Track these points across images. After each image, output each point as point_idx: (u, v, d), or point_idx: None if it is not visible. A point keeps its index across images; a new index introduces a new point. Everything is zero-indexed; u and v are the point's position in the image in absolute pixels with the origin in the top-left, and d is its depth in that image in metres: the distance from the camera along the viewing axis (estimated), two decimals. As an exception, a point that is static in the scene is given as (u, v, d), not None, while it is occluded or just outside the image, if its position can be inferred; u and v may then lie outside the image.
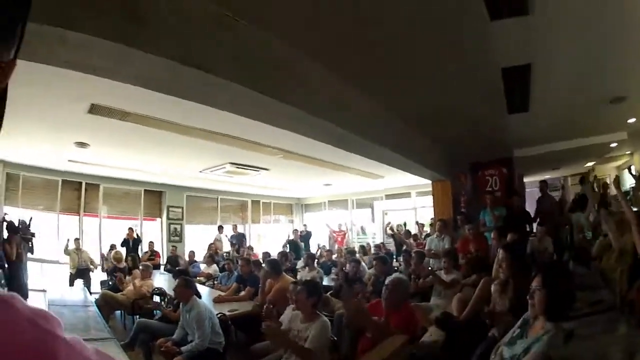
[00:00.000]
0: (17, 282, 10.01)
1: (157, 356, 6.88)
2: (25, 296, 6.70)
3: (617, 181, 7.04)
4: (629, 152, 19.76)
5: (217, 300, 8.85)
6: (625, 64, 7.59)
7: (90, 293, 10.76)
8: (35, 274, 11.88)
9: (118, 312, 10.51)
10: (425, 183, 14.73)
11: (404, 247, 14.26)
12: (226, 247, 18.45)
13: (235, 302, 8.82)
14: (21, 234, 11.11)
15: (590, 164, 20.87)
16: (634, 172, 10.99)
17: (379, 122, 8.00)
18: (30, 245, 11.66)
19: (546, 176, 20.96)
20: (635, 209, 9.61)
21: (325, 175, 16.79)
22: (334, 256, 15.53)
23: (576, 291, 5.67)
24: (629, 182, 19.87)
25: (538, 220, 11.62)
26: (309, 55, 5.60)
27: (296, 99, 5.24)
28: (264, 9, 4.52)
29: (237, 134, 10.05)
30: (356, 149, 8.36)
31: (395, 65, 6.39)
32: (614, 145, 15.58)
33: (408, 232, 16.53)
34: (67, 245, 13.75)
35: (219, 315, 7.05)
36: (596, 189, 11.63)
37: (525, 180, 18.82)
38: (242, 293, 9.36)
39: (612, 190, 9.88)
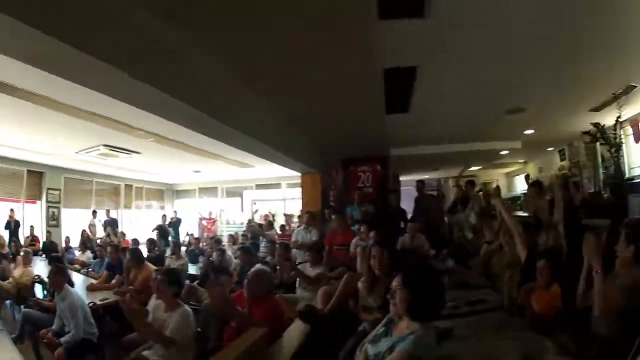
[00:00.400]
0: None
1: (43, 348, 6.63)
2: None
3: (498, 191, 7.16)
4: (522, 161, 20.45)
5: (89, 289, 8.63)
6: (525, 77, 7.85)
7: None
8: None
9: (9, 302, 9.77)
10: (297, 175, 14.75)
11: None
12: (100, 232, 17.96)
13: (107, 290, 8.50)
14: None
15: (476, 168, 21.67)
16: (529, 180, 11.32)
17: (251, 113, 7.85)
18: None
19: (425, 176, 21.62)
20: (525, 214, 9.84)
21: (195, 161, 16.56)
22: (201, 244, 15.33)
23: (455, 290, 5.72)
24: (520, 188, 20.72)
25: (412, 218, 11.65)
26: (185, 41, 5.36)
27: (167, 84, 5.01)
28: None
29: (111, 115, 9.62)
30: (225, 138, 8.20)
31: (272, 57, 6.18)
32: (504, 153, 16.25)
33: (270, 223, 16.47)
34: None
35: (90, 305, 6.88)
36: (480, 194, 11.96)
37: (404, 178, 19.03)
38: (113, 281, 9.09)
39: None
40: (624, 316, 3.38)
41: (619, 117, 9.41)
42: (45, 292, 8.55)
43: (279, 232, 15.78)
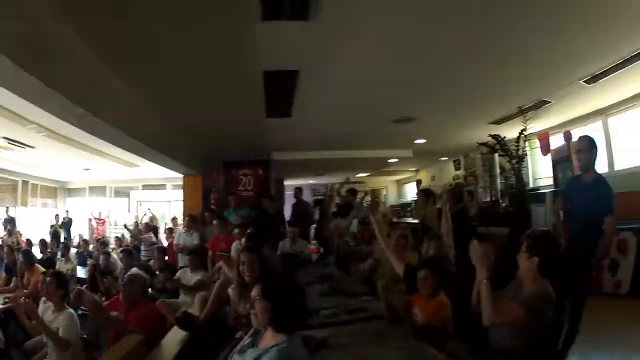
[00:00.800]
0: None
1: None
2: None
3: (375, 206, 7.20)
4: (414, 169, 20.82)
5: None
6: (414, 87, 7.94)
7: None
8: None
9: None
10: (181, 176, 14.56)
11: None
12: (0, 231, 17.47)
13: (7, 293, 8.38)
14: None
15: (364, 174, 22.05)
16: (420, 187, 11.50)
17: (133, 112, 7.59)
18: None
19: (311, 181, 22.22)
20: (416, 220, 9.85)
21: (85, 158, 16.03)
22: (90, 247, 14.96)
23: (334, 297, 5.74)
24: (410, 195, 21.13)
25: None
26: (69, 35, 5.02)
27: (50, 76, 4.71)
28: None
29: (7, 105, 9.10)
30: (107, 137, 7.81)
31: (153, 56, 5.93)
32: (393, 161, 16.54)
33: (147, 225, 16.21)
34: None
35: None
36: (365, 203, 12.03)
37: (290, 183, 19.73)
38: (12, 284, 8.96)
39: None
40: (526, 329, 3.37)
41: (524, 130, 9.59)
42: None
43: (164, 234, 15.81)
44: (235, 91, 7.48)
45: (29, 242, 13.80)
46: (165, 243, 13.40)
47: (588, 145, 5.41)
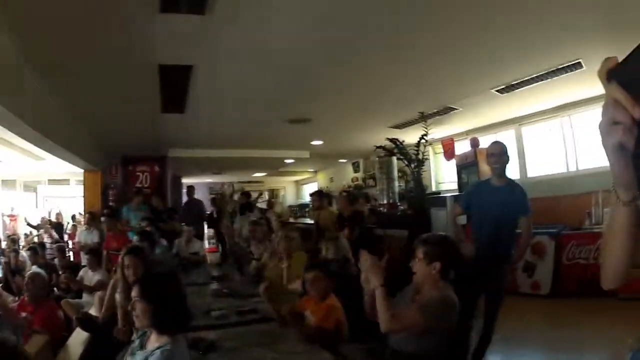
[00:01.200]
0: None
1: None
2: None
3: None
4: (313, 170, 20.84)
5: None
6: (312, 89, 8.07)
7: None
8: None
9: None
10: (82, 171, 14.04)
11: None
12: None
13: None
14: None
15: (261, 174, 22.21)
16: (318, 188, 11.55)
17: (35, 100, 7.21)
18: None
19: (208, 179, 22.22)
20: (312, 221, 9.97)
21: None
22: (2, 244, 14.37)
23: (225, 298, 5.74)
24: (308, 197, 21.23)
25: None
26: None
27: None
28: None
29: None
30: (8, 125, 7.14)
31: (57, 40, 5.66)
32: (290, 161, 16.74)
33: (50, 222, 16.25)
34: None
35: None
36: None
37: (188, 181, 19.42)
38: None
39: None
40: (427, 334, 3.38)
41: (424, 135, 9.63)
42: None
43: (69, 232, 15.62)
44: (131, 84, 7.40)
45: None
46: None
47: (503, 151, 5.45)
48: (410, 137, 10.60)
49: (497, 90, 8.30)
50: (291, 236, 6.57)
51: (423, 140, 9.69)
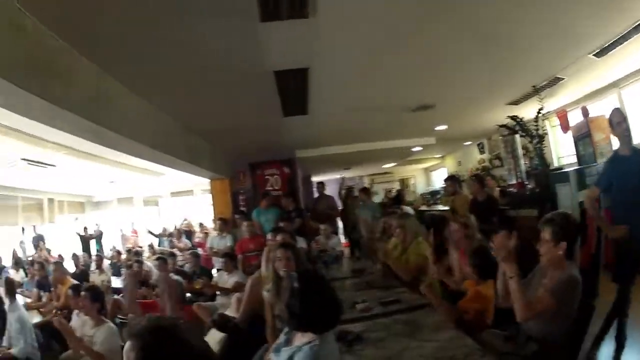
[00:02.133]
0: None
1: None
2: None
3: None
4: (439, 156, 20.61)
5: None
6: (431, 74, 7.80)
7: None
8: None
9: None
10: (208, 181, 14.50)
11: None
12: (30, 250, 17.54)
13: (41, 309, 8.65)
14: None
15: (389, 165, 21.83)
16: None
17: (149, 121, 7.52)
18: None
19: (337, 176, 22.29)
20: (445, 208, 9.75)
21: (109, 172, 15.97)
22: (122, 257, 15.01)
23: (367, 290, 5.67)
24: (438, 183, 20.90)
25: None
26: (74, 48, 5.01)
27: (58, 96, 4.69)
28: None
29: (24, 128, 9.18)
30: (125, 149, 7.73)
31: (166, 67, 5.94)
32: (417, 149, 16.42)
33: (178, 231, 16.70)
34: None
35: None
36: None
37: (318, 179, 19.28)
38: (44, 299, 9.15)
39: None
40: (556, 315, 3.33)
41: (541, 109, 9.39)
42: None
43: (197, 239, 16.12)
44: (248, 92, 7.48)
45: (60, 258, 13.89)
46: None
47: (625, 116, 5.16)
48: (526, 112, 10.26)
49: (594, 55, 7.76)
50: (408, 225, 6.58)
51: (540, 114, 9.43)
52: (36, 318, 7.56)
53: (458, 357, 3.26)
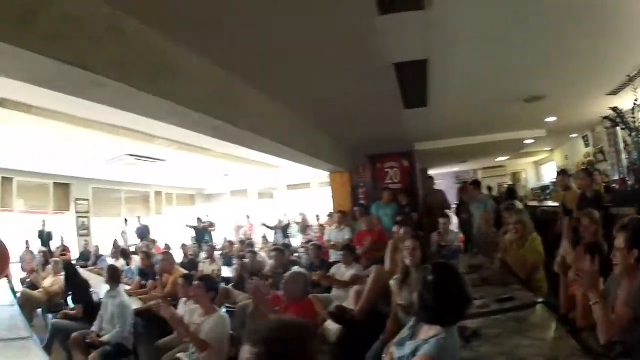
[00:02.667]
0: None
1: (76, 354, 6.76)
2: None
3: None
4: (549, 149, 20.17)
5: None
6: (540, 64, 7.60)
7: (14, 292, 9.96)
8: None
9: (40, 310, 10.09)
10: (326, 174, 14.59)
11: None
12: (131, 239, 18.22)
13: (141, 296, 8.86)
14: None
15: (503, 158, 21.54)
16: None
17: (271, 118, 7.82)
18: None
19: (454, 169, 22.18)
20: (556, 204, 9.57)
21: (222, 165, 16.51)
22: (235, 247, 15.14)
23: (482, 287, 5.57)
24: (548, 177, 20.42)
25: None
26: (193, 50, 5.38)
27: (181, 96, 5.09)
28: (151, 8, 4.33)
29: (132, 126, 9.87)
30: (247, 144, 8.19)
31: (285, 62, 6.20)
32: (529, 142, 16.10)
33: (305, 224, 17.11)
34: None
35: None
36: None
37: (434, 172, 18.81)
38: (147, 287, 9.39)
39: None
40: (636, 324, 3.17)
41: (636, 99, 8.89)
42: (74, 302, 8.65)
43: (314, 232, 16.18)
44: (369, 85, 7.51)
45: (167, 248, 14.34)
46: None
47: None
48: (624, 104, 9.76)
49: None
50: (523, 220, 6.48)
51: (636, 105, 8.91)
52: (135, 305, 7.72)
53: (560, 357, 3.34)
